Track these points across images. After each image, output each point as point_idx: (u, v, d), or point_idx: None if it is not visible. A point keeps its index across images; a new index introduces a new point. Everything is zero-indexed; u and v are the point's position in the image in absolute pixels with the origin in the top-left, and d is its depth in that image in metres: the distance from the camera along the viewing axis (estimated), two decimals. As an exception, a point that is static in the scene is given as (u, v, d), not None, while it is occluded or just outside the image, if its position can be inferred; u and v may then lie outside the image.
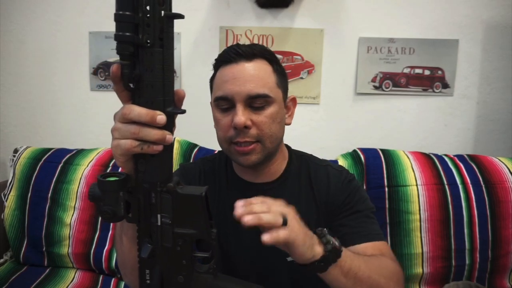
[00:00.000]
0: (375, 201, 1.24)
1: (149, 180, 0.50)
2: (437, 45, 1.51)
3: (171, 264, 0.53)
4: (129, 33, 0.43)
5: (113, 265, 1.32)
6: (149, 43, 0.44)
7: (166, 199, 0.50)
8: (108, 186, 0.50)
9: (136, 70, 0.45)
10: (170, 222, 0.50)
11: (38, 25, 1.61)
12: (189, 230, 0.51)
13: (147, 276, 0.54)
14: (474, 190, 1.23)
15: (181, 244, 0.52)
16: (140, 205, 0.51)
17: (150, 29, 0.44)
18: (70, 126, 1.66)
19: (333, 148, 1.53)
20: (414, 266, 1.22)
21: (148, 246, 0.52)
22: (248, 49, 0.76)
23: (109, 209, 0.50)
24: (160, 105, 0.47)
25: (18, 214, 1.39)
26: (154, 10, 0.43)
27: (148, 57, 0.45)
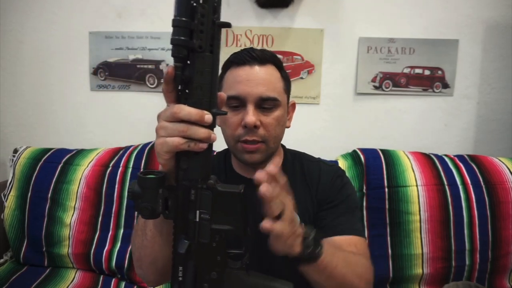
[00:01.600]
0: (375, 202, 1.25)
1: (191, 177, 0.52)
2: (437, 45, 1.51)
3: (206, 260, 0.54)
4: (185, 38, 0.47)
5: (113, 265, 1.32)
6: (201, 48, 0.48)
7: (206, 195, 0.52)
8: (148, 183, 0.52)
9: (186, 72, 0.49)
10: (209, 218, 0.52)
11: (38, 25, 1.61)
12: (226, 227, 0.52)
13: (180, 273, 0.55)
14: (474, 190, 1.23)
15: (217, 240, 0.53)
16: (179, 202, 0.53)
17: (203, 36, 0.48)
18: (70, 126, 1.66)
19: (333, 148, 1.53)
20: (414, 266, 1.22)
21: (185, 242, 0.53)
22: (261, 54, 0.80)
23: (148, 206, 0.52)
24: (207, 106, 0.50)
25: (18, 214, 1.39)
26: (208, 18, 0.47)
27: (199, 61, 0.48)
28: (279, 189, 0.54)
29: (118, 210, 1.35)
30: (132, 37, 1.59)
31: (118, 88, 1.62)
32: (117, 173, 1.37)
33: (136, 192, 0.52)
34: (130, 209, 1.34)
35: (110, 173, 1.37)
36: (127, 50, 1.60)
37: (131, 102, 1.62)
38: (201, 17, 0.47)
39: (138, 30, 1.58)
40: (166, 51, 1.58)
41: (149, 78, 1.60)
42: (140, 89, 1.61)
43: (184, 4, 0.47)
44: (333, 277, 0.64)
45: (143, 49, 1.59)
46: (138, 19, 1.58)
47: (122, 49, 1.60)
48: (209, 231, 0.53)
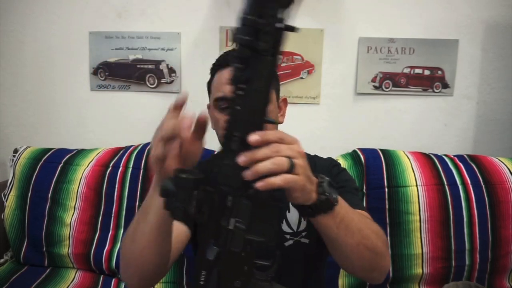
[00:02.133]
0: (375, 202, 1.25)
1: (232, 184, 0.50)
2: (437, 45, 1.51)
3: (232, 269, 0.53)
4: (250, 38, 0.44)
5: (113, 266, 1.32)
6: (265, 51, 0.45)
7: (245, 204, 0.50)
8: (184, 183, 0.49)
9: (245, 74, 0.47)
10: (244, 227, 0.50)
11: (38, 25, 1.61)
12: (260, 238, 0.51)
13: (202, 277, 0.54)
14: (474, 190, 1.23)
15: (248, 250, 0.52)
16: (214, 206, 0.51)
17: (269, 38, 0.45)
18: (70, 126, 1.66)
19: (332, 148, 1.52)
20: (414, 266, 1.22)
21: (215, 248, 0.52)
22: None
23: (181, 206, 0.49)
24: (261, 112, 0.49)
25: (18, 214, 1.39)
26: (275, 20, 0.45)
27: (260, 64, 0.46)
28: (275, 148, 0.50)
29: (118, 210, 1.35)
30: (132, 37, 1.59)
31: (118, 88, 1.62)
32: (117, 173, 1.37)
33: (170, 190, 0.50)
34: (130, 209, 1.34)
35: (110, 173, 1.37)
36: (127, 50, 1.60)
37: (131, 102, 1.62)
38: (270, 18, 0.44)
39: (138, 30, 1.58)
40: (166, 51, 1.58)
41: (149, 78, 1.60)
42: (140, 89, 1.61)
43: (255, 2, 0.44)
44: (350, 230, 0.62)
45: (143, 49, 1.59)
46: (138, 19, 1.58)
47: (122, 49, 1.60)
48: (243, 240, 0.51)
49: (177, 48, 1.57)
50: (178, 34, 1.57)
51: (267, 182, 0.48)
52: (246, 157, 0.48)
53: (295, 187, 0.51)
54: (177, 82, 1.59)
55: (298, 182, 0.51)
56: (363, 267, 0.67)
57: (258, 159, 0.48)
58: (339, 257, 0.67)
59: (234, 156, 0.49)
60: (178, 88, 1.59)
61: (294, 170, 0.50)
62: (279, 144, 0.50)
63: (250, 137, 0.48)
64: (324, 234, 0.63)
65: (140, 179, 1.35)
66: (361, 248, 0.63)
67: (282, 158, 0.49)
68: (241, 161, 0.48)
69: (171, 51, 1.58)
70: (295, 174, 0.50)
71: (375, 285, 1.25)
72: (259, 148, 0.49)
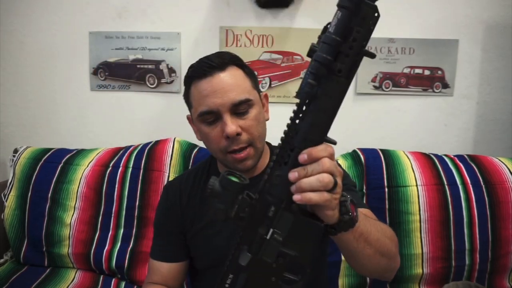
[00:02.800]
0: (375, 202, 1.25)
1: (278, 195, 0.50)
2: (437, 45, 1.51)
3: (260, 278, 0.53)
4: (330, 57, 0.45)
5: (113, 265, 1.32)
6: (340, 72, 0.45)
7: (286, 217, 0.50)
8: (231, 185, 0.51)
9: (314, 90, 0.47)
10: (281, 239, 0.51)
11: (38, 25, 1.61)
12: (294, 252, 0.51)
13: (228, 280, 0.54)
14: (474, 190, 1.23)
15: (280, 262, 0.52)
16: (255, 213, 0.52)
17: (347, 60, 0.45)
18: (70, 126, 1.66)
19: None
20: (414, 266, 1.22)
21: (248, 255, 0.52)
22: (219, 59, 0.78)
23: (223, 207, 0.51)
24: (322, 131, 0.49)
25: (18, 214, 1.39)
26: (358, 44, 0.45)
27: (332, 84, 0.46)
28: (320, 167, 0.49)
29: (118, 210, 1.35)
30: (132, 37, 1.59)
31: (118, 88, 1.62)
32: (117, 173, 1.37)
33: (216, 190, 0.51)
34: (130, 209, 1.34)
35: (110, 173, 1.37)
36: (127, 50, 1.60)
37: (131, 102, 1.62)
38: (353, 41, 0.45)
39: (138, 30, 1.58)
40: (166, 51, 1.58)
41: (149, 78, 1.60)
42: (140, 89, 1.61)
43: (344, 24, 0.44)
44: (369, 242, 0.62)
45: (143, 49, 1.59)
46: (138, 19, 1.58)
47: (122, 49, 1.60)
48: (277, 251, 0.51)
49: (177, 48, 1.58)
50: (178, 34, 1.57)
51: (304, 196, 0.49)
52: (297, 174, 0.49)
53: (330, 206, 0.51)
54: (177, 82, 1.59)
55: (334, 202, 0.51)
56: (378, 271, 0.69)
57: (307, 176, 0.49)
58: (355, 265, 0.68)
59: (286, 168, 0.49)
60: (178, 88, 1.59)
61: (335, 190, 0.51)
62: (329, 160, 0.50)
63: (300, 156, 0.49)
64: (343, 248, 0.63)
65: (140, 179, 1.35)
66: (378, 256, 0.64)
67: (330, 177, 0.49)
68: (292, 177, 0.49)
69: (171, 51, 1.58)
70: (334, 193, 0.51)
71: (375, 285, 1.25)
72: (310, 164, 0.49)
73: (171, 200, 0.92)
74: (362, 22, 0.45)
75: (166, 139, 1.44)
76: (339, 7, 0.45)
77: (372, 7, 0.45)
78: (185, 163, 1.38)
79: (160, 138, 1.46)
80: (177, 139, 1.44)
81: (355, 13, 0.44)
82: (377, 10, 0.45)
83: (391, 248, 0.68)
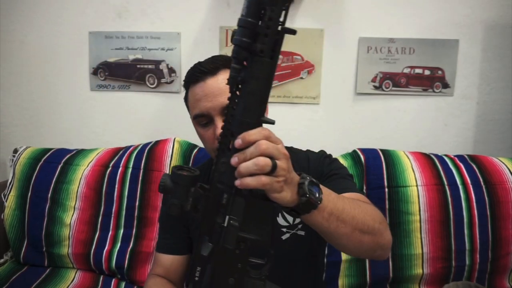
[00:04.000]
0: (375, 202, 1.24)
1: (227, 182, 0.51)
2: (437, 45, 1.51)
3: (226, 266, 0.54)
4: (248, 40, 0.46)
5: (113, 266, 1.32)
6: (262, 52, 0.46)
7: (239, 202, 0.52)
8: (181, 179, 0.52)
9: (242, 74, 0.48)
10: (238, 225, 0.52)
11: (38, 25, 1.60)
12: (253, 236, 0.53)
13: (197, 273, 0.56)
14: (474, 190, 1.23)
15: (242, 247, 0.53)
16: (209, 203, 0.53)
17: (267, 40, 0.46)
18: (70, 126, 1.66)
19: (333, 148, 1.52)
20: (414, 266, 1.22)
21: (209, 244, 0.53)
22: (211, 64, 0.83)
23: (177, 202, 0.51)
24: (256, 113, 0.49)
25: (18, 214, 1.39)
26: (275, 22, 0.46)
27: (257, 66, 0.47)
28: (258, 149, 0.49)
29: (118, 210, 1.35)
30: (132, 37, 1.59)
31: (118, 88, 1.62)
32: (117, 173, 1.37)
33: (168, 186, 0.52)
34: (130, 209, 1.34)
35: (110, 173, 1.37)
36: (127, 50, 1.60)
37: (131, 102, 1.62)
38: (268, 20, 0.45)
39: (138, 30, 1.58)
40: (166, 51, 1.58)
41: (149, 78, 1.60)
42: (140, 89, 1.61)
43: (254, 5, 0.45)
44: (343, 221, 0.61)
45: (143, 49, 1.59)
46: (138, 19, 1.58)
47: (122, 49, 1.60)
48: (236, 238, 0.52)
49: (177, 48, 1.57)
50: (178, 34, 1.57)
51: (242, 182, 0.49)
52: (237, 159, 0.49)
53: (271, 189, 0.51)
54: (177, 82, 1.59)
55: (274, 184, 0.51)
56: (365, 250, 0.68)
57: (247, 160, 0.49)
58: (337, 246, 0.68)
59: (230, 155, 0.50)
60: (178, 88, 1.59)
61: (276, 172, 0.50)
62: (266, 142, 0.49)
63: (235, 141, 0.49)
64: (316, 229, 0.63)
65: (140, 179, 1.35)
66: (357, 234, 0.64)
67: (266, 159, 0.49)
68: (233, 162, 0.49)
69: (171, 51, 1.58)
70: (275, 176, 0.50)
71: (375, 285, 1.25)
72: (248, 148, 0.49)
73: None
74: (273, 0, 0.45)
75: (166, 139, 1.44)
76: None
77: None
78: (185, 163, 1.38)
79: (160, 138, 1.46)
80: (177, 139, 1.44)
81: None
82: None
83: (373, 225, 0.67)
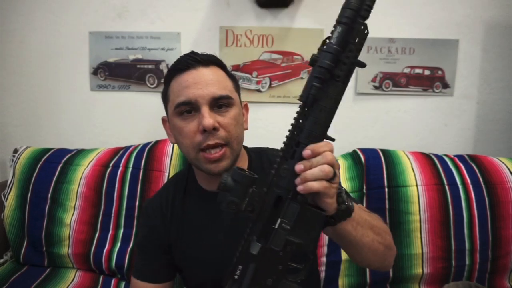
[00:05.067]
0: (375, 202, 1.25)
1: (286, 186, 0.56)
2: (437, 45, 1.51)
3: (268, 266, 0.57)
4: (333, 64, 0.53)
5: (113, 265, 1.32)
6: (339, 77, 0.53)
7: (293, 207, 0.55)
8: (244, 179, 0.55)
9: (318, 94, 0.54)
10: (289, 228, 0.55)
11: (38, 25, 1.60)
12: (299, 240, 0.56)
13: (238, 272, 0.58)
14: (474, 190, 1.23)
15: (287, 250, 0.56)
16: (264, 205, 0.56)
17: (345, 68, 0.53)
18: (70, 126, 1.66)
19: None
20: (414, 266, 1.22)
21: (258, 244, 0.56)
22: (205, 56, 0.78)
23: (235, 200, 0.55)
24: (323, 128, 0.55)
25: (18, 214, 1.39)
26: (353, 54, 0.54)
27: (332, 88, 0.54)
28: (324, 159, 0.55)
29: (118, 210, 1.35)
30: (132, 37, 1.59)
31: (118, 88, 1.62)
32: (117, 173, 1.37)
33: (229, 184, 0.55)
34: (130, 209, 1.34)
35: (110, 173, 1.37)
36: (127, 50, 1.60)
37: (131, 102, 1.62)
38: (349, 51, 0.53)
39: (138, 30, 1.58)
40: (166, 51, 1.58)
41: (149, 78, 1.60)
42: (140, 89, 1.61)
43: (344, 37, 0.53)
44: (365, 230, 0.66)
45: (143, 49, 1.59)
46: (138, 19, 1.58)
47: (122, 49, 1.60)
48: (284, 240, 0.55)
49: (177, 48, 1.58)
50: (178, 34, 1.57)
51: (306, 186, 0.54)
52: (303, 166, 0.54)
53: (328, 193, 0.56)
54: (177, 82, 1.59)
55: (331, 190, 0.56)
56: (377, 260, 0.72)
57: (313, 167, 0.54)
58: (356, 256, 0.71)
59: (293, 162, 0.55)
60: (178, 88, 1.59)
61: (334, 179, 0.56)
62: (330, 153, 0.55)
63: (304, 151, 0.54)
64: (343, 239, 0.66)
65: (140, 179, 1.35)
66: (376, 243, 0.68)
67: (329, 167, 0.54)
68: (298, 169, 0.54)
69: (171, 51, 1.58)
70: (333, 183, 0.56)
71: (375, 285, 1.25)
72: (315, 158, 0.54)
73: (153, 221, 0.88)
74: (356, 36, 0.54)
75: (166, 139, 1.44)
76: (338, 23, 0.54)
77: (363, 25, 0.54)
78: (185, 163, 1.38)
79: (160, 138, 1.46)
80: (177, 139, 1.43)
81: (351, 28, 0.53)
82: (367, 27, 0.55)
83: (385, 236, 0.72)
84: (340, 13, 0.54)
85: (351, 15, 0.53)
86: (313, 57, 0.54)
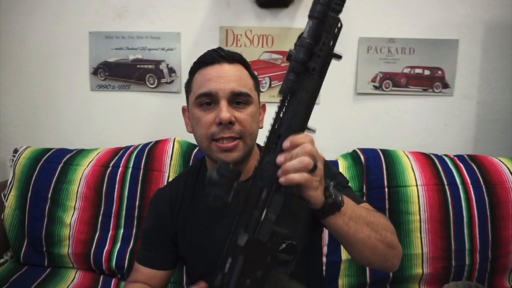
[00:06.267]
0: (375, 202, 1.25)
1: (269, 179, 0.57)
2: (437, 45, 1.51)
3: (257, 258, 0.57)
4: (305, 57, 0.55)
5: (113, 265, 1.32)
6: (314, 70, 0.55)
7: (277, 199, 0.57)
8: (228, 173, 0.56)
9: (293, 86, 0.56)
10: (274, 218, 0.56)
11: (38, 25, 1.60)
12: (285, 231, 0.57)
13: (227, 265, 0.59)
14: (474, 190, 1.23)
15: (274, 241, 0.57)
16: (249, 198, 0.57)
17: (319, 60, 0.55)
18: (70, 126, 1.66)
19: (333, 148, 1.53)
20: (414, 266, 1.22)
21: (245, 235, 0.57)
22: (230, 53, 0.81)
23: (221, 193, 0.55)
24: (302, 120, 0.57)
25: (18, 214, 1.39)
26: (327, 47, 0.55)
27: (308, 81, 0.56)
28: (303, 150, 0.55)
29: (118, 210, 1.35)
30: (132, 37, 1.59)
31: (118, 88, 1.62)
32: (117, 173, 1.37)
33: (214, 179, 0.56)
34: (130, 209, 1.34)
35: (110, 173, 1.37)
36: (127, 50, 1.60)
37: (131, 102, 1.62)
38: (322, 44, 0.55)
39: (138, 30, 1.58)
40: (166, 51, 1.58)
41: (149, 78, 1.60)
42: (140, 89, 1.61)
43: (315, 30, 0.55)
44: (360, 226, 0.65)
45: (143, 49, 1.59)
46: (138, 19, 1.58)
47: (122, 49, 1.60)
48: (270, 231, 0.56)
49: (177, 48, 1.58)
50: (178, 34, 1.57)
51: (287, 178, 0.54)
52: (283, 158, 0.55)
53: (310, 186, 0.56)
54: (177, 82, 1.59)
55: (313, 182, 0.56)
56: (378, 259, 0.71)
57: (292, 159, 0.55)
58: (352, 252, 0.70)
59: (274, 155, 0.56)
60: (178, 88, 1.59)
61: (315, 172, 0.56)
62: (310, 145, 0.56)
63: (284, 143, 0.55)
64: (335, 233, 0.66)
65: (140, 179, 1.35)
66: (372, 240, 0.67)
67: (309, 159, 0.54)
68: (279, 161, 0.55)
69: (171, 51, 1.58)
70: (314, 175, 0.56)
71: (375, 285, 1.25)
72: (294, 149, 0.55)
73: (160, 208, 0.91)
74: (328, 29, 0.55)
75: (166, 139, 1.44)
76: (310, 17, 0.56)
77: (335, 19, 0.55)
78: (185, 163, 1.38)
79: (160, 138, 1.46)
80: (177, 139, 1.44)
81: (322, 22, 0.55)
82: (339, 21, 0.56)
83: (386, 234, 0.70)
84: (311, 7, 0.56)
85: (321, 9, 0.55)
86: (289, 52, 0.56)
